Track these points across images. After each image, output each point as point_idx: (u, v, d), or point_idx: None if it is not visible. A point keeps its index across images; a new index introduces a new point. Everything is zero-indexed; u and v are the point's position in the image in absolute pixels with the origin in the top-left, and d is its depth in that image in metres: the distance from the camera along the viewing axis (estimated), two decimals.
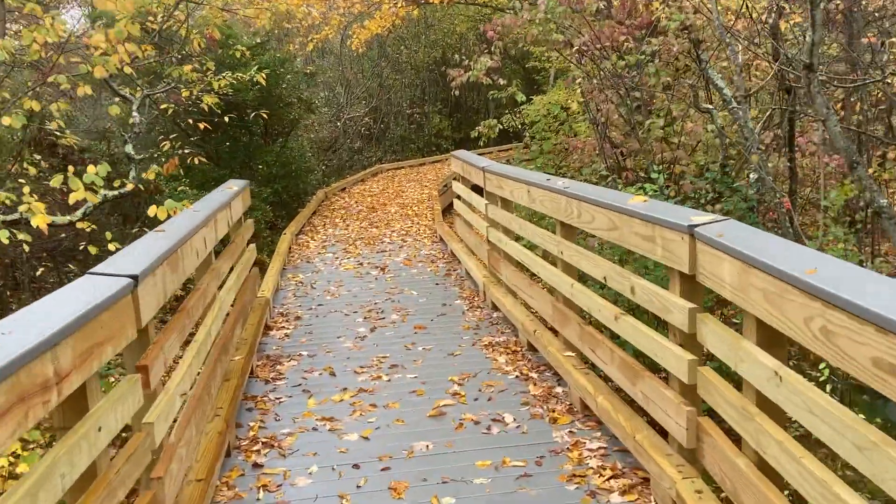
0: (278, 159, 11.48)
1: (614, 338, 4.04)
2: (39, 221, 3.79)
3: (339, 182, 15.30)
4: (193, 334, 3.72)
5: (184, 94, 7.93)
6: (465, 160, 7.55)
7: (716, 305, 5.31)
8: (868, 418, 2.24)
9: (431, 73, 21.01)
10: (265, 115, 9.30)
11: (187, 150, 8.40)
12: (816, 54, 4.03)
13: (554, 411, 4.12)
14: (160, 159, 8.68)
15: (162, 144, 8.21)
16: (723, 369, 3.01)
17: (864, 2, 7.70)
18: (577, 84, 7.69)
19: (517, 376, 4.70)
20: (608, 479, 3.32)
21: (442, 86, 18.41)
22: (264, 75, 8.66)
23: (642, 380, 3.37)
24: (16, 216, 5.11)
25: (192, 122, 7.72)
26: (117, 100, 7.26)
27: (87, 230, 5.24)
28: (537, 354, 5.00)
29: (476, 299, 6.63)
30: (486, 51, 8.89)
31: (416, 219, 11.32)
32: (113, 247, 4.85)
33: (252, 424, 4.12)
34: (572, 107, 9.16)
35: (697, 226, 2.80)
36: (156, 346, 2.69)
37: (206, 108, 7.84)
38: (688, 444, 2.95)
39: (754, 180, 6.88)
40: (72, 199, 4.33)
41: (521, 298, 5.59)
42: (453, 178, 8.95)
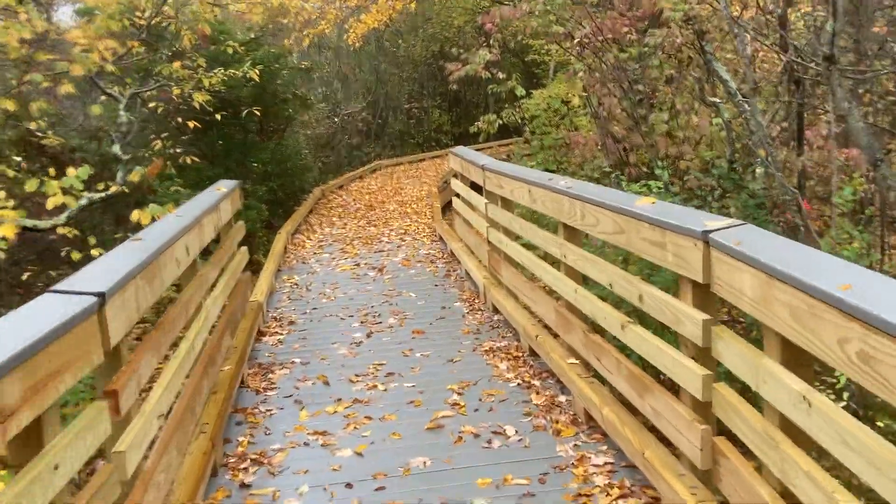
0: (274, 157, 11.26)
1: (620, 346, 3.83)
2: (6, 231, 3.56)
3: (337, 179, 15.07)
4: (179, 346, 3.53)
5: (174, 91, 7.71)
6: (464, 157, 7.33)
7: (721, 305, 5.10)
8: None
9: (430, 67, 20.77)
10: (258, 112, 9.08)
11: (179, 150, 8.19)
12: (837, 44, 3.82)
13: (557, 422, 3.92)
14: (151, 159, 8.48)
15: (153, 144, 8.00)
16: (729, 374, 2.81)
17: None
18: (578, 78, 7.47)
19: (519, 384, 4.50)
20: (616, 500, 3.12)
21: (441, 80, 18.17)
22: (258, 71, 8.43)
23: (651, 393, 3.17)
24: None
25: (181, 120, 7.49)
26: (103, 98, 7.04)
27: (71, 234, 5.02)
28: (539, 360, 4.80)
29: (476, 301, 6.43)
30: (484, 44, 8.68)
31: (415, 217, 11.11)
32: (96, 252, 4.65)
33: (241, 440, 3.92)
34: (573, 101, 8.93)
35: (712, 232, 2.60)
36: (128, 368, 2.49)
37: (197, 106, 7.62)
38: (702, 464, 2.75)
39: (761, 175, 6.67)
40: (49, 203, 4.13)
41: (523, 302, 5.39)
42: (452, 176, 8.74)
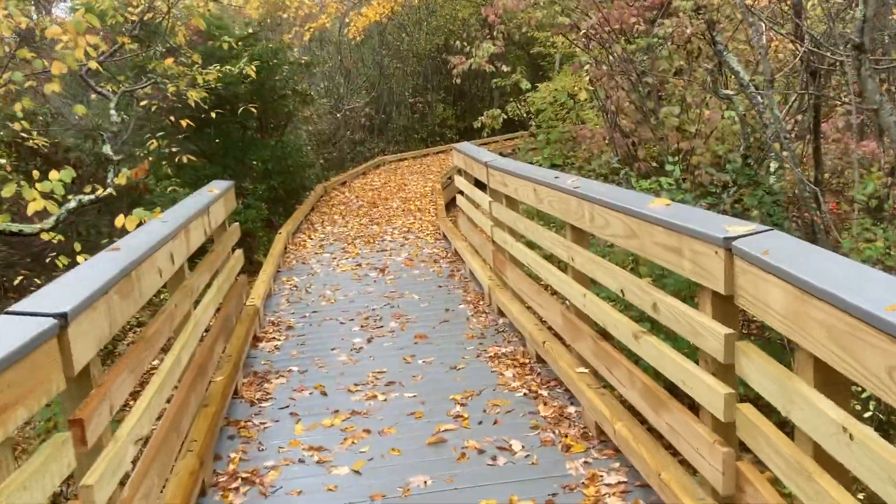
0: (274, 154, 11.05)
1: (633, 355, 3.61)
2: None
3: (340, 176, 14.84)
4: (164, 360, 3.33)
5: (170, 89, 7.50)
6: (468, 154, 7.11)
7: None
8: None
9: (434, 60, 20.48)
10: (254, 109, 8.86)
11: (175, 149, 7.98)
12: (868, 32, 3.58)
13: (567, 436, 3.70)
14: (146, 159, 8.28)
15: (149, 143, 7.80)
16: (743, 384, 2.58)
17: None
18: (584, 70, 7.22)
19: (525, 394, 4.28)
20: None
21: (445, 74, 17.91)
22: (254, 67, 8.21)
23: (668, 410, 2.95)
24: None
25: (174, 119, 7.28)
26: (94, 97, 6.84)
27: (55, 240, 4.83)
28: (547, 367, 4.59)
29: (481, 303, 6.21)
30: (488, 36, 8.44)
31: (419, 214, 10.89)
32: (82, 259, 4.46)
33: (233, 456, 3.73)
34: (581, 95, 8.68)
35: (735, 238, 2.37)
36: (98, 392, 2.29)
37: (192, 104, 7.41)
38: (724, 490, 2.53)
39: (775, 170, 6.42)
40: (30, 209, 3.93)
41: (529, 305, 5.17)
42: (456, 172, 8.51)
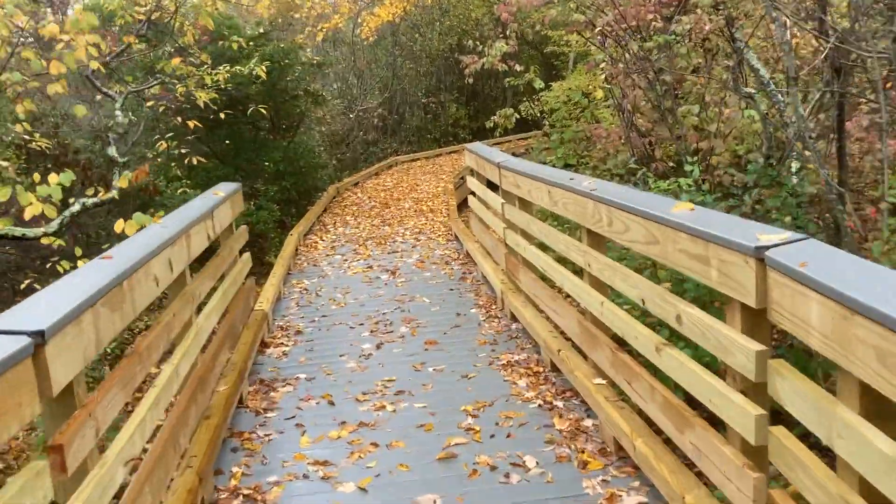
0: (286, 155, 10.93)
1: (654, 368, 3.43)
2: None
3: (352, 176, 14.71)
4: (161, 373, 3.18)
5: (179, 90, 7.38)
6: (480, 154, 6.94)
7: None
8: None
9: (447, 60, 20.34)
10: (264, 111, 8.74)
11: (185, 150, 7.87)
12: None
13: (583, 452, 3.53)
14: (156, 160, 8.18)
15: (158, 145, 7.69)
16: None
17: None
18: (600, 69, 7.04)
19: (540, 405, 4.11)
20: None
21: (458, 74, 17.73)
22: (265, 68, 8.08)
23: (692, 429, 2.77)
24: None
25: (181, 119, 7.16)
26: (98, 98, 6.74)
27: (55, 244, 4.71)
28: (562, 376, 4.41)
29: (493, 307, 6.04)
30: (501, 35, 8.27)
31: (431, 215, 10.73)
32: (83, 263, 4.33)
33: (235, 470, 3.58)
34: (597, 94, 8.48)
35: (768, 248, 2.19)
36: (81, 413, 2.14)
37: (201, 105, 7.29)
38: None
39: (797, 170, 6.21)
40: (27, 214, 3.81)
41: (543, 310, 4.99)
42: (469, 173, 8.35)
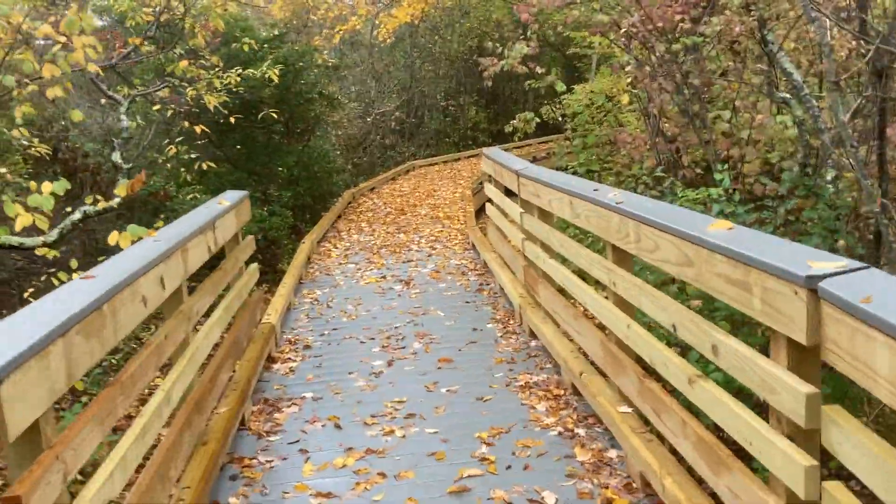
0: (300, 160, 10.73)
1: (685, 400, 3.15)
2: None
3: (368, 181, 14.51)
4: (150, 400, 2.96)
5: (189, 93, 7.20)
6: (497, 161, 6.68)
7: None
8: None
9: (467, 62, 20.10)
10: (275, 115, 8.54)
11: (195, 155, 7.70)
12: None
13: (607, 487, 3.25)
14: (165, 166, 8.02)
15: (168, 149, 7.52)
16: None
17: None
18: (625, 72, 6.75)
19: (560, 432, 3.84)
20: None
21: (478, 76, 17.48)
22: (277, 71, 7.88)
23: (729, 472, 2.49)
24: None
25: (188, 124, 6.98)
26: (104, 101, 6.58)
27: (50, 256, 4.53)
28: (584, 400, 4.14)
29: (511, 322, 5.78)
30: (521, 37, 8.01)
31: (448, 222, 10.49)
32: (77, 275, 4.14)
33: (232, 501, 3.35)
34: (622, 99, 8.18)
35: (823, 277, 1.91)
36: (45, 458, 1.91)
37: (211, 109, 7.10)
38: None
39: (832, 179, 5.90)
40: (18, 224, 3.62)
41: (564, 329, 4.72)
42: (487, 179, 8.09)
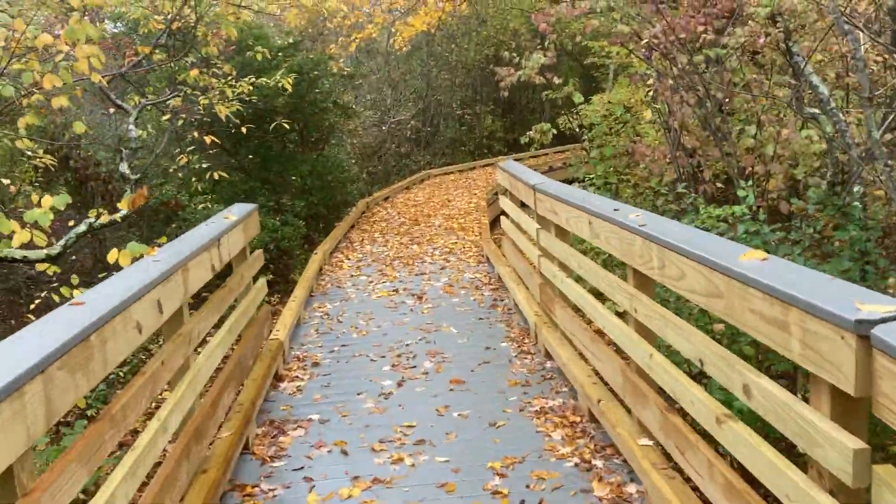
0: (314, 169, 10.61)
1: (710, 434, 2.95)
2: None
3: (383, 191, 14.38)
4: (144, 431, 2.81)
5: (201, 102, 7.09)
6: (513, 174, 6.51)
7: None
8: None
9: (483, 71, 19.98)
10: (287, 125, 8.41)
11: (206, 164, 7.59)
12: None
13: None
14: (177, 175, 7.91)
15: (179, 158, 7.42)
16: None
17: None
18: (646, 84, 6.56)
19: (576, 464, 3.65)
20: None
21: (494, 85, 17.29)
22: (291, 80, 7.76)
23: None
24: None
25: (196, 133, 6.86)
26: (112, 111, 6.48)
27: (51, 272, 4.42)
28: (602, 429, 3.95)
29: (526, 341, 5.60)
30: (539, 47, 7.85)
31: (462, 233, 10.32)
32: (78, 292, 4.02)
33: None
34: (645, 114, 7.99)
35: (875, 323, 1.72)
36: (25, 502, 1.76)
37: (223, 118, 6.99)
38: None
39: (859, 196, 5.69)
40: (15, 241, 3.50)
41: (581, 351, 4.54)
42: (502, 191, 7.93)
